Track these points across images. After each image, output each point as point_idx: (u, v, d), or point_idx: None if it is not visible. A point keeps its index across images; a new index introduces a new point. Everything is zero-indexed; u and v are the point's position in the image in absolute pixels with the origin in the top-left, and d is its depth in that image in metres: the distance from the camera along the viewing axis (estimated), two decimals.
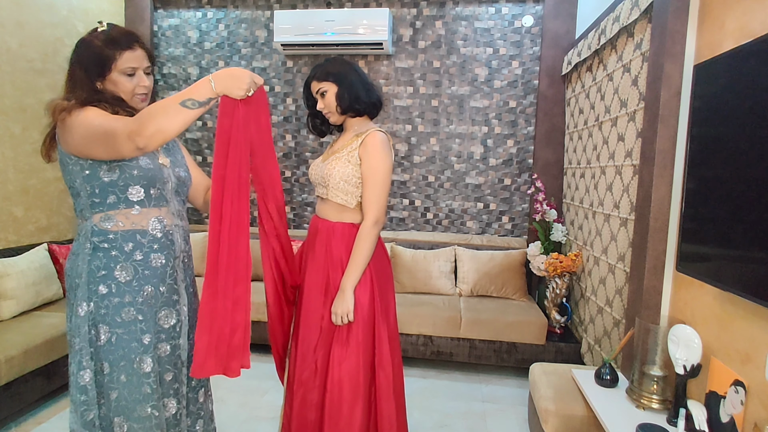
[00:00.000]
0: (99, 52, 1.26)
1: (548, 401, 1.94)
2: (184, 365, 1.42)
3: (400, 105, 3.63)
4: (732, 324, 1.46)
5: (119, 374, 1.29)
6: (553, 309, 2.99)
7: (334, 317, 1.51)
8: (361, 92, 1.60)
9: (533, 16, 3.42)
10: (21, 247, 2.83)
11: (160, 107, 1.12)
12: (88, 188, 1.29)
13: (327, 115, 1.63)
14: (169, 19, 3.84)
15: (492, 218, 3.61)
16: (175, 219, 1.41)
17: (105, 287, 1.29)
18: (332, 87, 1.58)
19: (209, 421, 1.56)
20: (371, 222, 1.53)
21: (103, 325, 1.28)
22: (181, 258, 1.42)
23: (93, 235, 1.30)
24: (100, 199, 1.29)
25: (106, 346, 1.28)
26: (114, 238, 1.30)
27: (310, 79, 1.63)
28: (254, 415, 2.42)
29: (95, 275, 1.29)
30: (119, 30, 1.31)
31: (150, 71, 1.37)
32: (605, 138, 2.51)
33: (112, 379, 1.29)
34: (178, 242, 1.40)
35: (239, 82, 1.18)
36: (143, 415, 1.30)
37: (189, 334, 1.44)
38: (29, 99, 2.93)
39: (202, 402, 1.52)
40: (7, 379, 2.14)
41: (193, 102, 1.13)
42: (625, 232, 2.22)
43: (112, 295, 1.29)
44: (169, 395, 1.37)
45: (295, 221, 3.86)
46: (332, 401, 1.52)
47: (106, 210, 1.30)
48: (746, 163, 1.32)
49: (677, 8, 1.74)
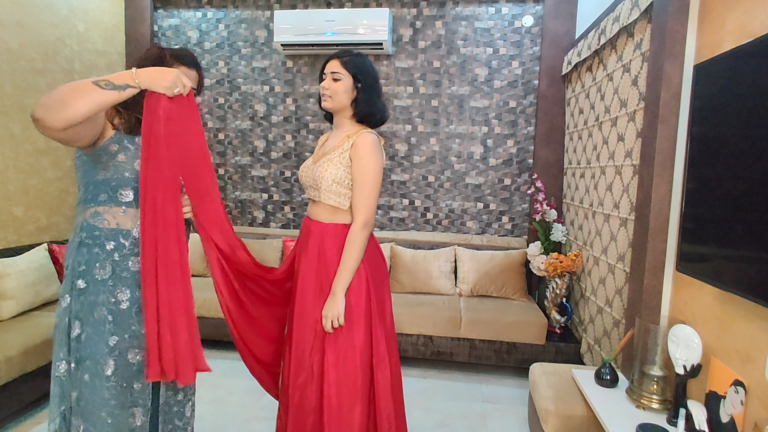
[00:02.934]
0: (161, 57, 1.38)
1: (548, 401, 1.94)
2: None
3: (400, 105, 3.63)
4: (732, 324, 1.46)
5: (83, 373, 1.29)
6: (553, 309, 2.99)
7: (325, 321, 1.49)
8: (374, 101, 1.58)
9: (533, 16, 3.42)
10: (21, 247, 2.83)
11: (72, 83, 1.12)
12: (85, 183, 1.35)
13: (324, 98, 1.58)
14: (169, 19, 3.84)
15: (492, 218, 3.61)
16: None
17: (83, 282, 1.31)
18: (348, 79, 1.55)
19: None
20: (360, 224, 1.51)
21: (77, 321, 1.31)
22: None
23: (81, 230, 1.34)
24: (92, 196, 1.34)
25: (75, 342, 1.30)
26: (98, 235, 1.33)
27: (334, 57, 1.57)
28: (254, 415, 2.42)
29: (77, 269, 1.32)
30: (188, 51, 1.45)
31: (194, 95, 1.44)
32: (605, 138, 2.51)
33: (77, 377, 1.30)
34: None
35: (164, 74, 1.22)
36: (98, 418, 1.29)
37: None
38: (29, 99, 2.93)
39: (189, 417, 1.51)
40: (6, 379, 2.14)
41: (108, 83, 1.14)
42: (625, 232, 2.22)
43: (88, 291, 1.31)
44: (137, 405, 1.35)
45: (294, 221, 3.86)
46: (330, 404, 1.50)
47: (97, 206, 1.34)
48: (746, 163, 1.32)
49: (677, 8, 1.74)
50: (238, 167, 3.88)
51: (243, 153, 3.86)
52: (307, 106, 3.75)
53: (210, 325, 2.99)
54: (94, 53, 3.44)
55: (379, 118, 1.62)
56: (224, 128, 3.87)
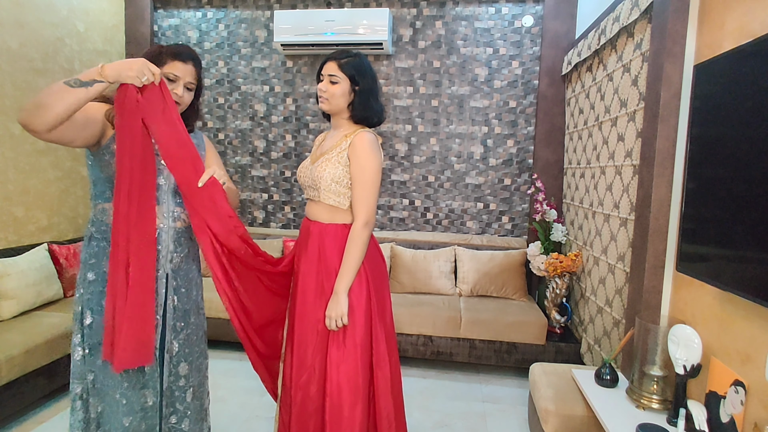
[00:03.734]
0: (159, 51, 1.41)
1: (548, 401, 1.95)
2: (170, 362, 1.48)
3: (400, 105, 3.63)
4: (732, 324, 1.47)
5: (96, 358, 1.38)
6: (553, 309, 2.99)
7: (328, 321, 1.50)
8: (371, 104, 1.58)
9: (533, 16, 3.42)
10: (21, 247, 2.83)
11: (49, 86, 1.18)
12: (93, 181, 1.42)
13: (322, 101, 1.58)
14: (169, 19, 3.85)
15: (492, 218, 3.61)
16: (167, 220, 1.44)
17: (93, 274, 1.39)
18: (345, 82, 1.55)
19: (198, 421, 1.59)
20: (361, 224, 1.51)
21: (88, 310, 1.38)
22: (168, 258, 1.45)
23: (92, 225, 1.42)
24: (99, 192, 1.41)
25: (88, 330, 1.38)
26: (105, 230, 1.38)
27: (331, 58, 1.56)
28: (254, 415, 2.42)
29: (88, 262, 1.40)
30: (185, 47, 1.46)
31: (192, 88, 1.47)
32: (605, 138, 2.51)
33: (91, 362, 1.39)
34: (166, 243, 1.44)
35: (129, 64, 1.24)
36: (113, 399, 1.39)
37: (174, 333, 1.48)
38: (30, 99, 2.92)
39: (189, 401, 1.55)
40: (8, 378, 2.14)
41: (76, 81, 1.18)
42: (624, 232, 2.22)
43: (97, 283, 1.38)
44: (147, 386, 1.43)
45: (295, 221, 3.86)
46: (333, 404, 1.51)
47: (104, 202, 1.40)
48: (746, 163, 1.32)
49: (677, 8, 1.74)
50: (238, 167, 3.88)
51: (243, 153, 3.86)
52: (307, 106, 3.75)
53: (211, 325, 2.99)
54: (94, 53, 3.44)
55: (377, 120, 1.62)
56: (224, 128, 3.87)
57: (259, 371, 1.72)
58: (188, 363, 1.53)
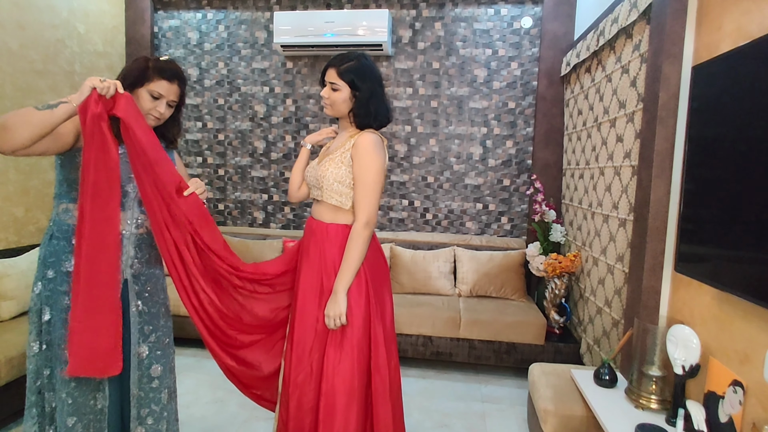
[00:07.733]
0: (144, 68, 1.43)
1: (547, 401, 1.95)
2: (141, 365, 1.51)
3: (399, 106, 3.63)
4: (730, 324, 1.47)
5: (52, 354, 1.41)
6: (552, 309, 2.99)
7: (327, 320, 1.50)
8: (371, 109, 1.57)
9: (532, 18, 3.43)
10: (21, 247, 2.83)
11: (16, 111, 1.21)
12: (59, 180, 1.45)
13: (325, 107, 1.60)
14: (169, 20, 3.85)
15: (491, 219, 3.62)
16: (130, 227, 1.48)
17: (53, 272, 1.41)
18: (346, 89, 1.55)
19: (174, 422, 1.64)
20: (362, 224, 1.51)
21: (47, 306, 1.41)
22: (129, 264, 1.48)
23: (53, 224, 1.45)
24: (64, 192, 1.44)
25: (46, 326, 1.41)
26: (67, 229, 1.42)
27: (330, 66, 1.56)
28: (254, 415, 2.42)
29: (47, 260, 1.42)
30: (172, 64, 1.48)
31: (174, 105, 1.50)
32: (604, 139, 2.52)
33: (48, 357, 1.42)
34: (127, 248, 1.47)
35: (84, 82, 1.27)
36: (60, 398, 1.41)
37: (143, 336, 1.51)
38: (30, 100, 2.93)
39: (165, 403, 1.58)
40: (7, 379, 2.15)
41: (44, 105, 1.24)
42: (623, 232, 2.23)
43: (56, 281, 1.41)
44: (99, 389, 1.45)
45: (294, 222, 3.87)
46: (326, 405, 1.51)
47: (68, 202, 1.43)
48: (744, 163, 1.32)
49: (675, 10, 1.75)
50: (238, 168, 3.88)
51: (243, 154, 3.87)
52: (307, 107, 3.75)
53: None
54: (94, 55, 3.45)
55: (380, 122, 1.62)
56: (224, 129, 3.87)
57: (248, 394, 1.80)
58: (161, 365, 1.56)
